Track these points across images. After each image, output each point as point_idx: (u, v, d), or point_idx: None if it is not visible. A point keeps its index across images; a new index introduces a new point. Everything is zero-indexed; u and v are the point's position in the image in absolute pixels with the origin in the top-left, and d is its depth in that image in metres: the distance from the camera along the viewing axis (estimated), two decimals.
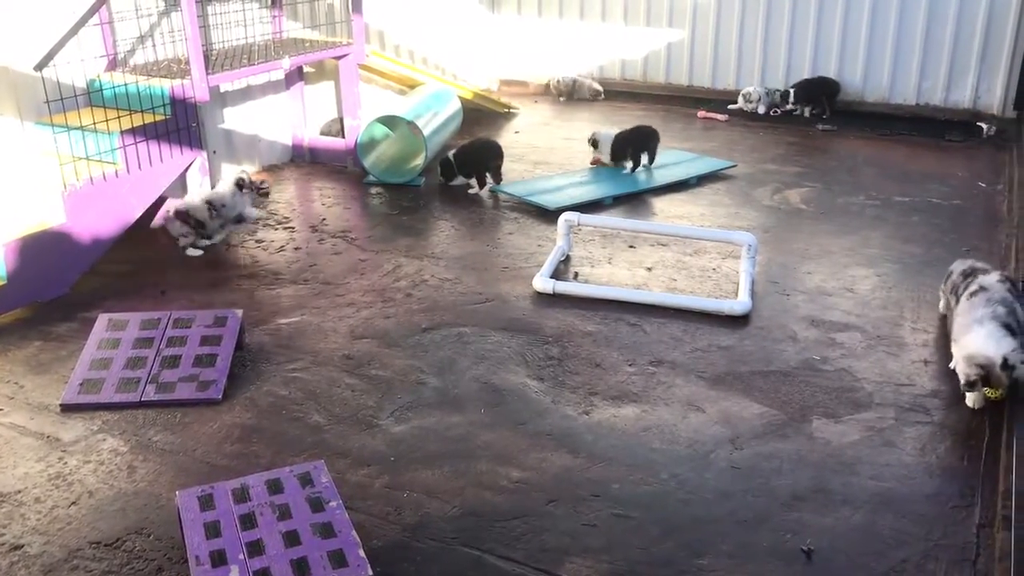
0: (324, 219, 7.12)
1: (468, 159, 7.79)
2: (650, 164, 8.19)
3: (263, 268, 6.19)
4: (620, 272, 6.09)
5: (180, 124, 6.35)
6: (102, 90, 6.36)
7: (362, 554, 3.21)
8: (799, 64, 10.28)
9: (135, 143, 6.03)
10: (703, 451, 4.13)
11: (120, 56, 6.80)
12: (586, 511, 3.73)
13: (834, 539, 3.56)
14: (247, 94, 8.05)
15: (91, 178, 5.76)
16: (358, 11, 8.03)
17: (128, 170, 6.01)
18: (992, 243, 6.52)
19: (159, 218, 6.72)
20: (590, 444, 4.19)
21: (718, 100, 10.61)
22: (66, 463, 4.06)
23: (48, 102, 5.58)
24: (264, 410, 4.48)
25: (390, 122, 8.42)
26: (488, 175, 7.75)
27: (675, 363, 4.90)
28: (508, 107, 10.59)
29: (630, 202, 7.50)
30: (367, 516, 3.69)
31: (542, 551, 3.50)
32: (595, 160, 8.38)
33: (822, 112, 10.08)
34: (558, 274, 5.96)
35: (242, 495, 3.49)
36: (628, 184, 7.81)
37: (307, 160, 8.63)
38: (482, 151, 7.86)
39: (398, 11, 9.66)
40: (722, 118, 10.22)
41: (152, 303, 5.61)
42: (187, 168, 6.53)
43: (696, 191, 7.80)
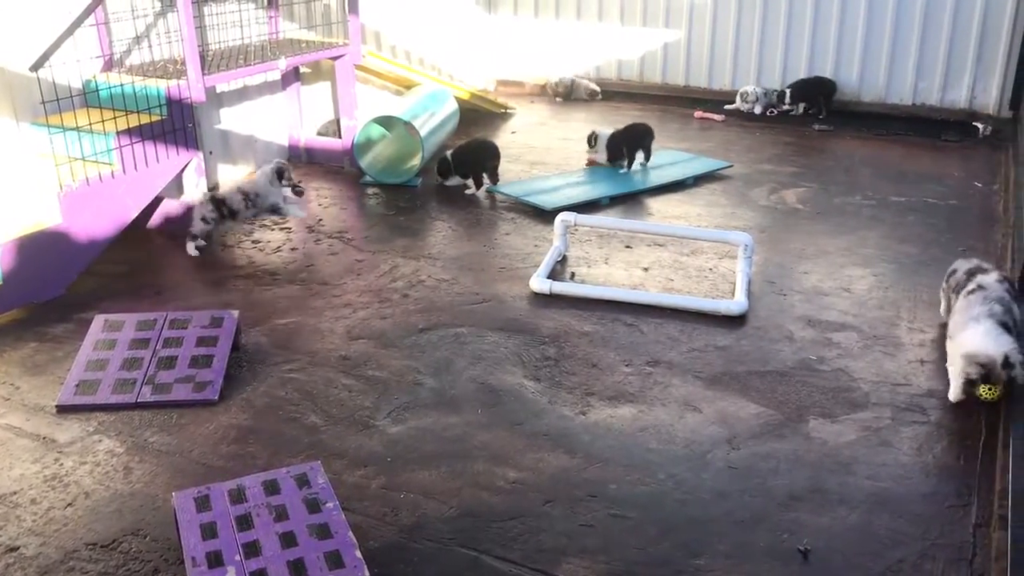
0: (321, 220, 7.11)
1: (465, 159, 7.78)
2: (646, 162, 8.20)
3: (259, 269, 6.18)
4: (617, 272, 6.09)
5: (176, 125, 6.34)
6: (98, 91, 6.35)
7: (359, 555, 3.21)
8: (795, 64, 10.28)
9: (131, 144, 6.03)
10: (700, 451, 4.13)
11: (116, 57, 6.79)
12: (583, 511, 3.73)
13: (831, 539, 3.56)
14: (243, 95, 8.05)
15: (87, 179, 5.76)
16: (354, 11, 8.03)
17: (124, 171, 6.00)
18: (988, 243, 6.53)
19: (180, 206, 6.67)
20: (587, 444, 4.19)
21: (714, 100, 10.62)
22: (62, 464, 4.06)
23: (44, 103, 5.58)
24: (260, 411, 4.48)
25: (387, 122, 8.42)
26: (485, 175, 7.75)
27: (672, 363, 4.90)
28: (505, 107, 10.59)
29: (627, 202, 7.50)
30: (364, 517, 3.68)
31: (539, 551, 3.50)
32: (590, 160, 8.38)
33: (818, 112, 10.09)
34: (555, 274, 5.96)
35: (238, 496, 3.49)
36: (625, 184, 7.81)
37: (304, 160, 8.62)
38: (479, 151, 7.86)
39: (394, 12, 9.65)
40: (718, 118, 10.22)
41: (148, 304, 5.60)
42: (183, 169, 6.52)
43: (693, 191, 7.80)
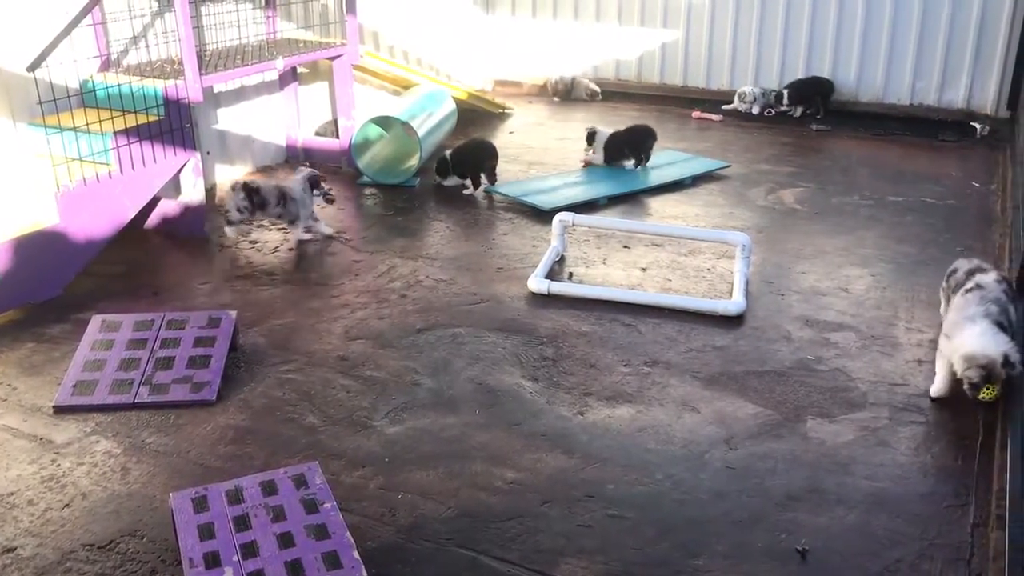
0: (318, 220, 7.10)
1: (463, 159, 7.77)
2: (645, 163, 8.20)
3: (257, 269, 6.18)
4: (615, 272, 6.09)
5: (173, 125, 6.33)
6: (95, 91, 6.33)
7: (356, 556, 3.21)
8: (793, 64, 10.28)
9: (128, 144, 6.01)
10: (698, 451, 4.13)
11: (113, 57, 6.78)
12: (581, 512, 3.73)
13: (829, 539, 3.56)
14: (241, 95, 8.04)
15: (84, 179, 5.74)
16: (352, 12, 8.01)
17: (121, 171, 5.99)
18: (986, 243, 6.53)
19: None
20: (585, 445, 4.19)
21: (712, 100, 10.62)
22: (59, 465, 4.05)
23: (41, 103, 5.57)
24: (258, 411, 4.47)
25: (384, 123, 8.41)
26: (483, 175, 7.75)
27: (670, 363, 4.90)
28: (502, 107, 10.58)
29: (625, 202, 7.50)
30: (361, 517, 3.68)
31: (537, 552, 3.50)
32: (586, 161, 8.38)
33: (816, 112, 10.10)
34: (553, 274, 5.95)
35: (236, 497, 3.48)
36: (622, 184, 7.81)
37: (301, 161, 8.61)
38: (477, 152, 7.85)
39: (392, 12, 9.65)
40: (716, 118, 10.22)
41: (146, 304, 5.60)
42: (180, 169, 6.50)
43: (690, 191, 7.80)
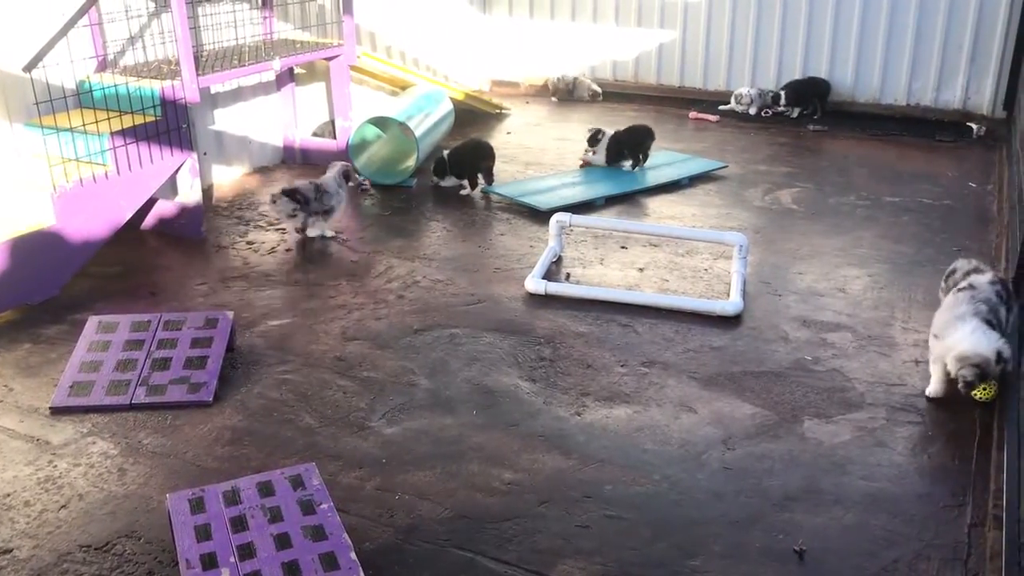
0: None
1: (460, 160, 7.77)
2: (643, 164, 8.20)
3: (254, 270, 6.17)
4: (612, 273, 6.09)
5: (170, 125, 6.32)
6: (92, 91, 6.33)
7: (354, 557, 3.21)
8: (790, 64, 10.30)
9: (125, 144, 6.01)
10: (695, 452, 4.14)
11: (110, 57, 6.77)
12: (578, 512, 3.73)
13: (826, 539, 3.56)
14: (238, 95, 8.03)
15: (81, 180, 5.73)
16: (349, 12, 8.01)
17: (118, 171, 5.98)
18: (982, 243, 6.54)
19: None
20: (582, 445, 4.18)
21: (709, 101, 10.63)
22: (56, 466, 4.04)
23: (37, 103, 5.56)
24: (255, 412, 4.47)
25: (381, 123, 8.40)
26: (480, 176, 7.75)
27: (667, 364, 4.90)
28: (500, 108, 10.59)
29: (622, 203, 7.51)
30: (359, 518, 3.68)
31: (534, 553, 3.50)
32: (584, 161, 8.39)
33: (813, 112, 10.11)
34: (550, 275, 5.95)
35: (233, 498, 3.48)
36: (620, 185, 7.81)
37: (298, 161, 8.61)
38: (474, 152, 7.85)
39: (389, 12, 9.64)
40: (713, 119, 10.23)
41: (142, 305, 5.59)
42: (177, 170, 6.50)
43: (688, 192, 7.81)
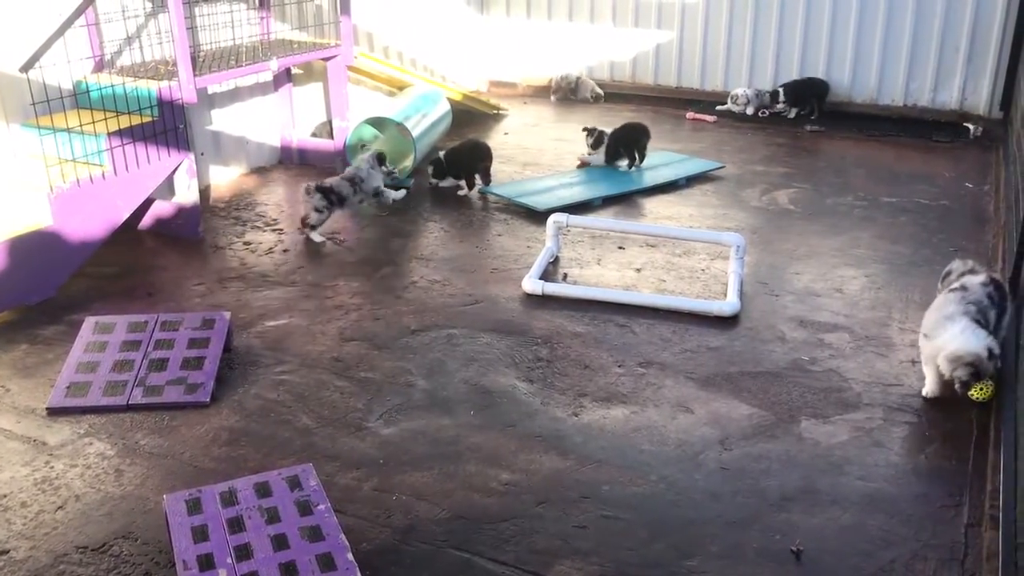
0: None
1: (457, 160, 7.77)
2: (640, 163, 8.20)
3: (251, 270, 6.17)
4: (609, 273, 6.10)
5: (167, 126, 6.31)
6: (89, 92, 6.33)
7: (351, 558, 3.21)
8: (787, 65, 10.31)
9: (122, 145, 6.00)
10: (692, 452, 4.14)
11: (107, 57, 6.76)
12: (576, 513, 3.73)
13: (823, 540, 3.56)
14: (235, 96, 8.03)
15: (78, 180, 5.72)
16: (346, 12, 8.01)
17: (115, 172, 5.97)
18: (979, 243, 6.55)
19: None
20: (580, 446, 4.19)
21: (707, 101, 10.64)
22: (52, 467, 4.04)
23: (34, 104, 5.55)
24: (252, 413, 4.46)
25: (379, 123, 8.40)
26: (477, 176, 7.75)
27: (664, 364, 4.90)
28: (497, 108, 10.59)
29: (619, 203, 7.51)
30: (356, 519, 3.67)
31: (532, 553, 3.50)
32: (583, 161, 8.39)
33: (810, 113, 10.12)
34: (547, 275, 5.95)
35: (230, 499, 3.48)
36: (617, 185, 7.81)
37: (296, 162, 8.60)
38: (471, 152, 7.85)
39: (386, 13, 9.64)
40: (710, 119, 10.23)
41: (139, 306, 5.58)
42: (175, 170, 6.49)
43: (685, 192, 7.81)
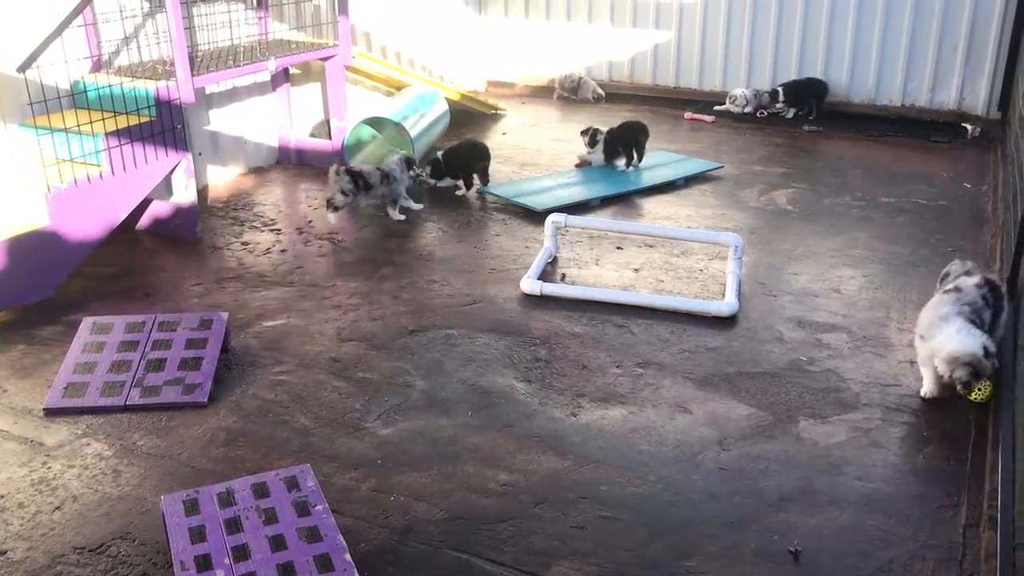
0: (310, 221, 7.09)
1: (455, 160, 7.77)
2: (638, 162, 8.20)
3: (249, 270, 6.16)
4: (607, 273, 6.09)
5: (165, 126, 6.31)
6: (86, 92, 6.31)
7: (348, 558, 3.20)
8: (785, 65, 10.31)
9: (120, 145, 5.99)
10: (690, 452, 4.14)
11: (105, 57, 6.76)
12: (574, 513, 3.73)
13: (821, 540, 3.56)
14: (233, 96, 8.02)
15: (75, 180, 5.72)
16: (344, 12, 8.01)
17: (113, 172, 5.96)
18: (977, 244, 6.55)
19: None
20: (578, 446, 4.18)
21: (705, 101, 10.64)
22: (50, 468, 4.03)
23: (32, 104, 5.54)
24: (250, 413, 4.46)
25: (377, 124, 8.40)
26: (475, 176, 7.74)
27: (662, 364, 4.90)
28: (495, 108, 10.59)
29: (617, 203, 7.51)
30: (354, 520, 3.67)
31: (530, 554, 3.50)
32: (581, 161, 8.39)
33: (809, 113, 10.12)
34: (545, 276, 5.95)
35: (227, 499, 3.47)
36: (615, 185, 7.82)
37: (293, 162, 8.59)
38: (469, 152, 7.84)
39: (385, 13, 9.64)
40: (709, 119, 10.24)
41: (137, 306, 5.58)
42: (172, 170, 6.48)
43: (683, 192, 7.81)
